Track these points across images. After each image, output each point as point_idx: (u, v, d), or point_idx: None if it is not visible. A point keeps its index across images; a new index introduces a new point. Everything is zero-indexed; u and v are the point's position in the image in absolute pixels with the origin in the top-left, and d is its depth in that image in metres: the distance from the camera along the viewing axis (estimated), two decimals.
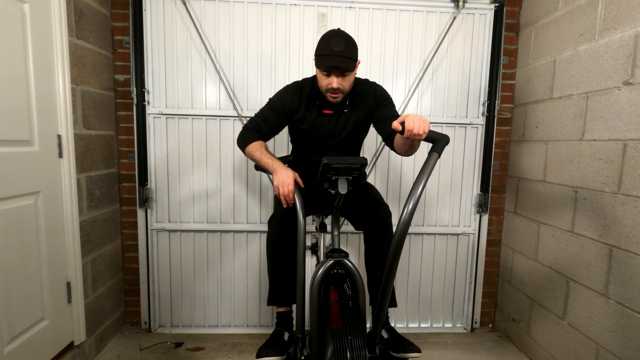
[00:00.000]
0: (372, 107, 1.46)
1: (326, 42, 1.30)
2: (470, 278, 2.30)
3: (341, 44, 1.27)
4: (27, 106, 1.47)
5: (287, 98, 1.48)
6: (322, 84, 1.37)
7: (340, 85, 1.34)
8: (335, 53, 1.27)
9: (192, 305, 2.22)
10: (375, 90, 1.48)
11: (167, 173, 2.13)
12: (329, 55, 1.28)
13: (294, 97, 1.47)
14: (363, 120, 1.50)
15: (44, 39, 1.54)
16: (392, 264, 1.05)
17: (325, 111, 1.47)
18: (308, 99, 1.47)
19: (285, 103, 1.47)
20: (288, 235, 1.39)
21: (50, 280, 1.60)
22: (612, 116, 1.52)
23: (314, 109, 1.48)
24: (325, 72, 1.33)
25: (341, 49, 1.27)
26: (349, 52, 1.29)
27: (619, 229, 1.48)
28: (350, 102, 1.46)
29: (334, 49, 1.27)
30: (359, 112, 1.48)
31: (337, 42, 1.28)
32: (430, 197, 2.24)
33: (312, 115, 1.48)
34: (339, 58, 1.27)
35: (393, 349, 1.33)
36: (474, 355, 2.03)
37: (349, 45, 1.30)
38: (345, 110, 1.47)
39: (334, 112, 1.47)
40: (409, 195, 0.98)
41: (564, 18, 1.80)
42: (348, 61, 1.28)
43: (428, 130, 1.04)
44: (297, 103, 1.47)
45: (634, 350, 1.40)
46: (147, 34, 2.01)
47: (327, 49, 1.28)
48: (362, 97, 1.47)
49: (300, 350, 1.41)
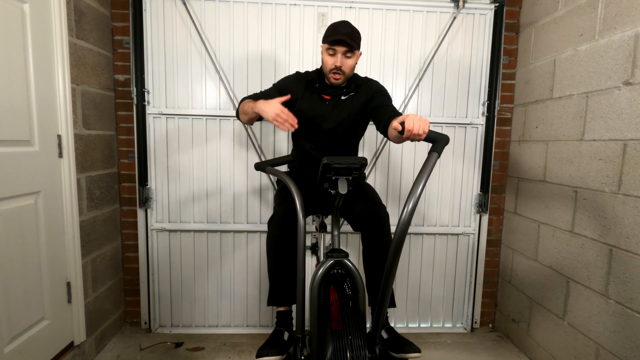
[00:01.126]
0: (369, 98, 1.54)
1: (334, 26, 1.45)
2: (470, 278, 2.30)
3: (348, 28, 1.42)
4: (27, 106, 1.47)
5: (291, 81, 1.59)
6: (327, 64, 1.47)
7: (343, 65, 1.45)
8: (342, 33, 1.41)
9: (192, 305, 2.22)
10: (372, 83, 1.59)
11: (167, 173, 2.13)
12: (336, 34, 1.41)
13: (297, 82, 1.59)
14: (359, 110, 1.56)
15: (44, 39, 1.55)
16: (392, 264, 1.05)
17: (323, 95, 1.57)
18: (309, 82, 1.58)
19: (288, 84, 1.58)
20: (288, 235, 1.40)
21: (50, 280, 1.60)
22: (612, 116, 1.52)
23: (314, 93, 1.57)
24: (331, 50, 1.44)
25: (347, 31, 1.41)
26: (354, 36, 1.43)
27: (619, 229, 1.48)
28: (347, 89, 1.56)
29: (341, 30, 1.41)
30: (356, 101, 1.55)
31: (344, 26, 1.43)
32: (430, 197, 2.24)
33: (310, 97, 1.57)
34: (345, 35, 1.41)
35: (393, 349, 1.33)
36: (474, 355, 2.03)
37: (355, 31, 1.44)
38: (343, 97, 1.56)
39: (331, 97, 1.56)
40: (409, 195, 0.99)
41: (564, 18, 1.80)
42: (352, 42, 1.41)
43: (428, 131, 1.05)
44: (299, 87, 1.58)
45: (634, 350, 1.40)
46: (147, 34, 2.01)
47: (335, 31, 1.42)
48: (360, 88, 1.57)
49: (300, 350, 1.41)
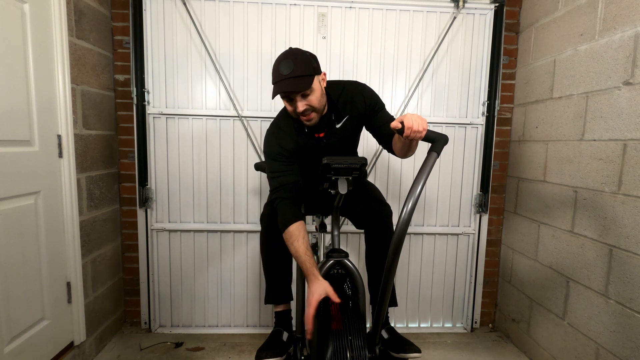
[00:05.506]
0: (365, 114, 1.39)
1: (275, 68, 1.23)
2: (470, 278, 2.30)
3: (289, 66, 1.19)
4: (27, 106, 1.47)
5: (281, 140, 1.36)
6: (290, 111, 1.29)
7: (306, 106, 1.24)
8: (285, 77, 1.19)
9: (192, 305, 2.22)
10: (362, 95, 1.38)
11: (167, 173, 2.13)
12: (279, 82, 1.21)
13: (285, 136, 1.37)
14: (356, 126, 1.44)
15: (44, 39, 1.55)
16: (392, 263, 1.05)
17: (317, 135, 1.39)
18: (297, 130, 1.37)
19: (283, 145, 1.35)
20: (280, 232, 1.36)
21: (50, 280, 1.60)
22: (612, 116, 1.52)
23: (307, 137, 1.39)
24: (285, 98, 1.26)
25: (289, 71, 1.19)
26: (300, 70, 1.20)
27: (619, 229, 1.48)
28: (336, 116, 1.37)
29: (282, 72, 1.20)
30: (350, 121, 1.40)
31: (284, 64, 1.20)
32: (430, 197, 2.24)
33: (305, 140, 1.39)
34: (289, 81, 1.19)
35: (393, 349, 1.33)
36: (474, 355, 2.03)
37: (298, 63, 1.20)
38: (337, 125, 1.38)
39: (325, 133, 1.39)
40: (408, 195, 0.99)
41: (564, 18, 1.80)
42: (299, 81, 1.20)
43: (427, 128, 1.06)
44: (287, 138, 1.37)
45: (634, 350, 1.40)
46: (147, 34, 2.01)
47: (277, 75, 1.22)
48: (351, 105, 1.37)
49: (300, 350, 1.41)
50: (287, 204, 1.31)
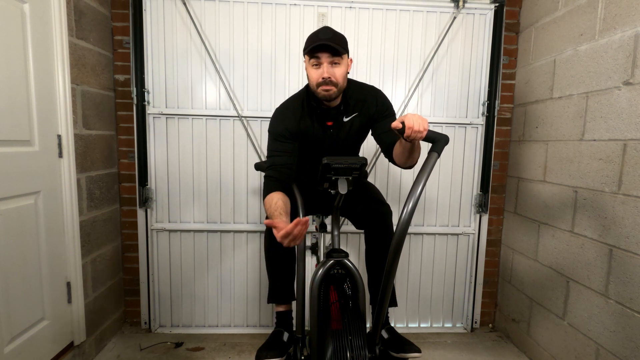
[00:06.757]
0: (373, 116, 1.42)
1: (313, 35, 1.30)
2: (470, 278, 2.30)
3: (329, 33, 1.27)
4: (27, 106, 1.47)
5: (285, 119, 1.40)
6: (313, 78, 1.30)
7: (332, 76, 1.27)
8: (322, 39, 1.25)
9: (192, 305, 2.22)
10: (376, 98, 1.42)
11: (167, 173, 2.13)
12: (316, 41, 1.26)
13: (290, 117, 1.40)
14: (363, 127, 1.46)
15: (44, 39, 1.54)
16: (392, 263, 1.05)
17: (326, 122, 1.43)
18: (309, 108, 1.40)
19: (286, 125, 1.38)
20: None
21: (50, 280, 1.60)
22: (612, 116, 1.52)
23: (315, 120, 1.42)
24: (315, 60, 1.28)
25: (329, 37, 1.25)
26: (338, 40, 1.26)
27: (619, 229, 1.48)
28: (345, 107, 1.40)
29: (321, 36, 1.26)
30: (359, 120, 1.43)
31: (324, 31, 1.28)
32: (430, 197, 2.24)
33: (312, 124, 1.42)
34: (327, 40, 1.25)
35: (393, 349, 1.33)
36: (474, 355, 2.03)
37: (337, 35, 1.28)
38: (345, 119, 1.42)
39: (333, 123, 1.42)
40: (409, 195, 0.99)
41: (564, 18, 1.80)
42: (337, 45, 1.25)
43: (427, 128, 1.06)
44: (298, 116, 1.40)
45: (634, 350, 1.40)
46: (147, 34, 2.01)
47: (314, 39, 1.27)
48: (362, 104, 1.41)
49: (300, 350, 1.41)
50: (273, 182, 1.36)
